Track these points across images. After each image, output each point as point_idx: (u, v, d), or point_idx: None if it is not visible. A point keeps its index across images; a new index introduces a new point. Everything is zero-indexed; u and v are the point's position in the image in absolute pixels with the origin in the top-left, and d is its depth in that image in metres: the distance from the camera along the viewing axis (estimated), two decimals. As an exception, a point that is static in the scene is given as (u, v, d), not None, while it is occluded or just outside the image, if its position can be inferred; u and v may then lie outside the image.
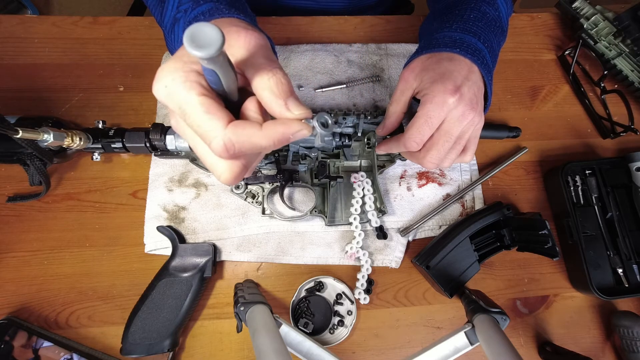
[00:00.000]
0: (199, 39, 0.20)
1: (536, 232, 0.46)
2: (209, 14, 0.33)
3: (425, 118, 0.35)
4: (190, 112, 0.24)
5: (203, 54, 0.20)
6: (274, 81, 0.26)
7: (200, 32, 0.20)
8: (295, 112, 0.26)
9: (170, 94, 0.25)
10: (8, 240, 0.48)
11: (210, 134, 0.24)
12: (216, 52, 0.20)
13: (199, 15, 0.33)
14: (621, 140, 0.58)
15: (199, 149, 0.28)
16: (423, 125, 0.36)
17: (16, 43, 0.55)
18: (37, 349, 0.43)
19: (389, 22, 0.62)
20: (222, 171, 0.27)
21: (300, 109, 0.26)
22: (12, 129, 0.38)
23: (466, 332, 0.41)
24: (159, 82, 0.25)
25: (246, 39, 0.27)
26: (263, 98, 0.26)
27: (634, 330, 0.47)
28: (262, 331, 0.37)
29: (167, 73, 0.25)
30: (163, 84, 0.25)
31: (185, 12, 0.35)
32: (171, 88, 0.25)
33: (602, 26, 0.58)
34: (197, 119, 0.24)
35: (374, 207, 0.48)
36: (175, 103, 0.25)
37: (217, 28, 0.20)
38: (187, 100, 0.24)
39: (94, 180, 0.51)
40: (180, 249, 0.46)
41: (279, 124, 0.26)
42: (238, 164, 0.27)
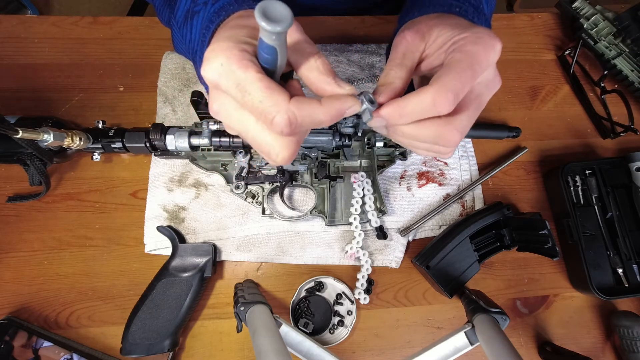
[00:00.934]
0: (271, 14, 0.21)
1: (536, 232, 0.46)
2: (236, 4, 0.32)
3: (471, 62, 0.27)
4: (251, 89, 0.24)
5: (279, 27, 0.21)
6: (321, 62, 0.27)
7: (271, 8, 0.21)
8: (346, 87, 0.27)
9: (226, 72, 0.25)
10: (8, 240, 0.48)
11: (273, 108, 0.24)
12: (288, 27, 0.21)
13: (226, 5, 0.32)
14: (621, 140, 0.58)
15: (251, 131, 0.27)
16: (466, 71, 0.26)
17: (16, 43, 0.55)
18: (37, 349, 0.43)
19: (389, 22, 0.62)
20: (280, 149, 0.27)
21: (349, 85, 0.27)
22: (12, 129, 0.38)
23: (466, 332, 0.41)
24: (213, 61, 0.25)
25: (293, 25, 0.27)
26: (311, 78, 0.27)
27: (634, 330, 0.47)
28: (262, 331, 0.37)
29: (221, 52, 0.25)
30: (218, 62, 0.25)
31: (205, 5, 0.34)
32: (227, 66, 0.24)
33: (602, 26, 0.58)
34: (259, 94, 0.24)
35: (374, 207, 0.48)
36: (232, 81, 0.25)
37: (286, 5, 0.21)
38: (246, 76, 0.24)
39: (94, 180, 0.51)
40: (180, 249, 0.46)
41: (335, 99, 0.26)
42: (295, 140, 0.27)
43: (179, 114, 0.53)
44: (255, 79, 0.24)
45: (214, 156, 0.48)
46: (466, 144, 0.56)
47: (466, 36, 0.28)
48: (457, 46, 0.28)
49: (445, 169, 0.54)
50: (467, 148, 0.55)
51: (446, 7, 0.36)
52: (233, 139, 0.46)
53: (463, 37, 0.29)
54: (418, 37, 0.31)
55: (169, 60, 0.55)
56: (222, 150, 0.47)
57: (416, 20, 0.34)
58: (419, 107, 0.27)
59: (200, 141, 0.46)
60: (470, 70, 0.26)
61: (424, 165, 0.54)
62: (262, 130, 0.27)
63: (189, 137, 0.45)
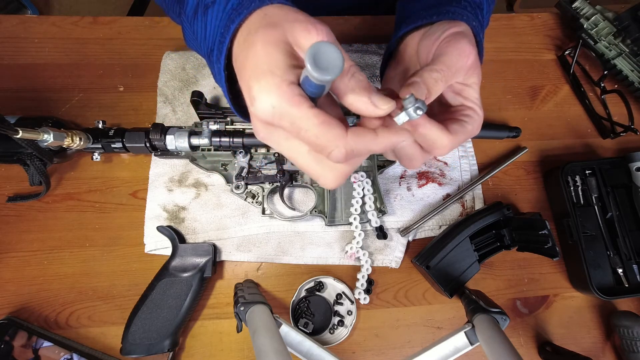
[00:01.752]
0: (321, 60, 0.21)
1: (536, 232, 0.46)
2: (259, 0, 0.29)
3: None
4: (307, 127, 0.24)
5: (330, 77, 0.21)
6: (355, 81, 0.26)
7: (321, 52, 0.21)
8: (384, 107, 0.26)
9: (280, 113, 0.25)
10: (8, 240, 0.48)
11: (331, 143, 0.25)
12: (339, 74, 0.21)
13: (245, 1, 0.29)
14: (621, 140, 0.58)
15: (302, 158, 0.28)
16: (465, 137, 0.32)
17: (16, 43, 0.55)
18: (37, 349, 0.43)
19: (389, 22, 0.62)
20: (333, 177, 0.28)
21: (386, 102, 0.26)
22: (12, 129, 0.38)
23: (466, 332, 0.41)
24: (264, 103, 0.25)
25: (318, 37, 0.26)
26: (348, 100, 0.26)
27: (634, 330, 0.47)
28: (262, 331, 0.37)
29: (269, 92, 0.24)
30: (269, 104, 0.25)
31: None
32: (280, 107, 0.24)
33: (602, 26, 0.58)
34: (315, 130, 0.24)
35: (374, 207, 0.48)
36: (287, 120, 0.25)
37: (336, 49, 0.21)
38: (300, 115, 0.24)
39: (94, 180, 0.51)
40: (180, 249, 0.46)
41: (392, 133, 0.27)
42: (348, 169, 0.28)
43: (179, 114, 0.53)
44: (309, 115, 0.24)
45: (214, 156, 0.48)
46: (466, 144, 0.56)
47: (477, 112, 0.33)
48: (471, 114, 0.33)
49: (445, 168, 0.54)
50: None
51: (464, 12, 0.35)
52: (233, 139, 0.46)
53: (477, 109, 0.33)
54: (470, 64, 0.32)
55: (169, 60, 0.55)
56: (222, 150, 0.47)
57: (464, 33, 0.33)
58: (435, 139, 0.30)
59: (200, 141, 0.46)
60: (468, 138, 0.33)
61: (423, 165, 0.54)
62: (314, 159, 0.27)
63: (189, 137, 0.45)
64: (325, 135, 0.24)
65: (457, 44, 0.31)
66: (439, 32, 0.33)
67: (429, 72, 0.30)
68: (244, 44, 0.27)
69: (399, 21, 0.41)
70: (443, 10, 0.35)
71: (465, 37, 0.32)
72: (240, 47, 0.28)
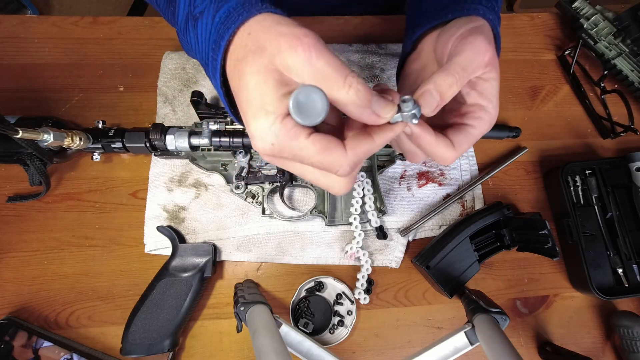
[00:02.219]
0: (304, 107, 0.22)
1: (536, 232, 0.46)
2: (242, 8, 0.28)
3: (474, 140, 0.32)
4: (308, 156, 0.25)
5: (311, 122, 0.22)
6: (354, 92, 0.25)
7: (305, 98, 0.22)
8: (386, 115, 0.26)
9: (280, 149, 0.26)
10: (8, 240, 0.48)
11: (334, 165, 0.26)
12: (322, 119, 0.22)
13: (232, 12, 0.28)
14: (621, 140, 0.58)
15: (309, 175, 0.29)
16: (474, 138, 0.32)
17: (16, 43, 0.55)
18: (37, 349, 0.43)
19: (389, 22, 0.62)
20: (342, 186, 0.29)
21: (387, 108, 0.26)
22: (12, 129, 0.38)
23: (466, 332, 0.41)
24: (264, 142, 0.25)
25: (305, 54, 0.24)
26: (349, 111, 0.26)
27: (634, 330, 0.47)
28: (262, 331, 0.37)
29: (265, 131, 0.25)
30: (269, 142, 0.25)
31: (207, 10, 0.30)
32: (279, 144, 0.25)
33: (602, 26, 0.58)
34: (317, 159, 0.26)
35: (374, 207, 0.48)
36: (289, 154, 0.26)
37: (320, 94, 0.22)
38: (299, 146, 0.25)
39: (94, 180, 0.51)
40: (180, 249, 0.46)
41: (386, 130, 0.27)
42: (355, 173, 0.29)
43: (179, 114, 0.53)
44: (308, 145, 0.25)
45: (214, 156, 0.48)
46: (466, 144, 0.56)
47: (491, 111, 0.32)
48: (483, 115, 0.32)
49: (445, 169, 0.54)
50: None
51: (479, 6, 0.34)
52: (233, 139, 0.46)
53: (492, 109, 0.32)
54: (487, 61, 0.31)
55: (169, 60, 0.55)
56: (222, 150, 0.47)
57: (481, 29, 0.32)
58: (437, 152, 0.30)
59: (200, 141, 0.46)
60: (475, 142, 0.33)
61: (424, 165, 0.54)
62: (321, 174, 0.29)
63: (189, 137, 0.45)
64: (327, 159, 0.26)
65: (473, 41, 0.30)
66: (454, 29, 0.32)
67: (443, 76, 0.28)
68: (234, 70, 0.27)
69: (412, 23, 0.41)
70: (457, 8, 0.34)
71: (482, 34, 0.31)
72: (232, 73, 0.28)
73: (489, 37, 0.31)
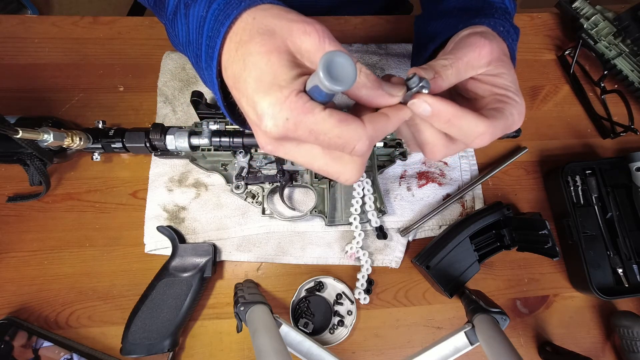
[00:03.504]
0: (335, 71, 0.21)
1: (536, 232, 0.45)
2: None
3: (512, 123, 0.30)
4: (325, 130, 0.24)
5: (342, 87, 0.21)
6: (364, 76, 0.26)
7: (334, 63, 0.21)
8: (398, 93, 0.27)
9: (296, 125, 0.24)
10: (8, 240, 0.48)
11: (353, 138, 0.24)
12: (352, 85, 0.21)
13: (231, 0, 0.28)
14: (621, 140, 0.58)
15: (317, 162, 0.27)
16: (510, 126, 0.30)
17: (16, 43, 0.55)
18: (37, 349, 0.43)
19: (389, 22, 0.62)
20: (355, 170, 0.28)
21: (398, 89, 0.27)
22: (12, 129, 0.38)
23: (466, 332, 0.41)
24: (275, 120, 0.24)
25: (319, 38, 0.25)
26: (361, 94, 0.26)
27: (634, 330, 0.47)
28: (262, 331, 0.37)
29: (281, 105, 0.24)
30: (283, 118, 0.24)
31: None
32: (294, 119, 0.24)
33: (602, 26, 0.58)
34: (335, 132, 0.24)
35: (374, 207, 0.48)
36: (305, 129, 0.24)
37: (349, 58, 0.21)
38: (316, 120, 0.24)
39: (94, 180, 0.51)
40: (180, 249, 0.46)
41: (400, 111, 0.27)
42: (366, 157, 0.28)
43: (179, 114, 0.53)
44: (325, 117, 0.24)
45: (214, 156, 0.48)
46: (466, 144, 0.56)
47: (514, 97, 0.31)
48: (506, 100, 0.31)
49: (445, 169, 0.54)
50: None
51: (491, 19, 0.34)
52: (233, 139, 0.46)
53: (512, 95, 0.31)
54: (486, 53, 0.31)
55: (169, 60, 0.55)
56: (222, 150, 0.47)
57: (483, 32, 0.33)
58: (466, 128, 0.28)
59: (200, 141, 0.46)
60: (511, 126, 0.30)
61: (424, 165, 0.54)
62: (331, 158, 0.27)
63: (189, 137, 0.45)
64: (347, 132, 0.24)
65: (468, 39, 0.31)
66: (456, 36, 0.33)
67: (435, 60, 0.30)
68: (236, 53, 0.26)
69: (424, 41, 0.41)
70: (470, 23, 0.35)
71: (480, 34, 0.31)
72: (233, 57, 0.26)
73: (487, 37, 0.31)
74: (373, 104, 0.27)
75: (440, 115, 0.27)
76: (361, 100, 0.27)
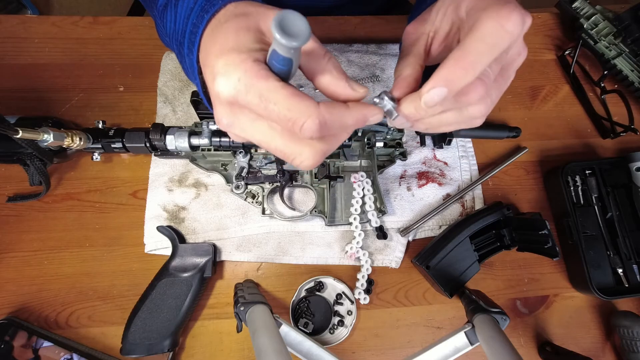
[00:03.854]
0: (288, 26, 0.20)
1: (536, 232, 0.46)
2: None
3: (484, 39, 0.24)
4: (276, 98, 0.23)
5: (297, 43, 0.20)
6: (332, 64, 0.26)
7: (288, 20, 0.20)
8: (360, 90, 0.26)
9: (247, 85, 0.23)
10: (8, 240, 0.48)
11: (303, 114, 0.23)
12: (306, 41, 0.21)
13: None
14: (621, 140, 0.58)
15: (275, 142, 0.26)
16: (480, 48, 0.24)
17: (16, 43, 0.55)
18: (37, 349, 0.43)
19: (389, 22, 0.62)
20: (310, 154, 0.26)
21: (362, 87, 0.27)
22: (12, 129, 0.38)
23: (466, 332, 0.41)
24: (229, 77, 0.24)
25: None
26: (323, 83, 0.26)
27: (634, 330, 0.47)
28: (262, 331, 0.37)
29: (235, 66, 0.24)
30: (235, 77, 0.23)
31: None
32: (246, 79, 0.23)
33: (602, 26, 0.58)
34: (286, 102, 0.23)
35: (374, 207, 0.48)
36: (254, 94, 0.24)
37: (303, 17, 0.21)
38: (268, 87, 0.23)
39: (94, 180, 0.51)
40: (180, 249, 0.46)
41: (362, 106, 0.26)
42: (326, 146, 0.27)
43: (179, 114, 0.53)
44: (278, 87, 0.23)
45: (214, 156, 0.48)
46: (466, 144, 0.56)
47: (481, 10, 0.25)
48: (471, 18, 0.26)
49: (445, 168, 0.54)
50: (467, 148, 0.55)
51: None
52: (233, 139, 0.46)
53: (475, 6, 0.26)
54: (418, 23, 0.31)
55: (169, 60, 0.55)
56: (222, 150, 0.47)
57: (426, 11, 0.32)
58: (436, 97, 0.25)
59: (200, 141, 0.46)
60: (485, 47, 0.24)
61: (424, 165, 0.54)
62: (288, 137, 0.26)
63: (189, 137, 0.45)
64: (297, 106, 0.23)
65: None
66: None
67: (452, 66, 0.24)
68: (211, 34, 0.27)
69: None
70: None
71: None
72: (209, 37, 0.27)
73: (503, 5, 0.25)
74: (336, 95, 0.27)
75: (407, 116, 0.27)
76: (325, 89, 0.27)
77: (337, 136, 0.28)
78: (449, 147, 0.55)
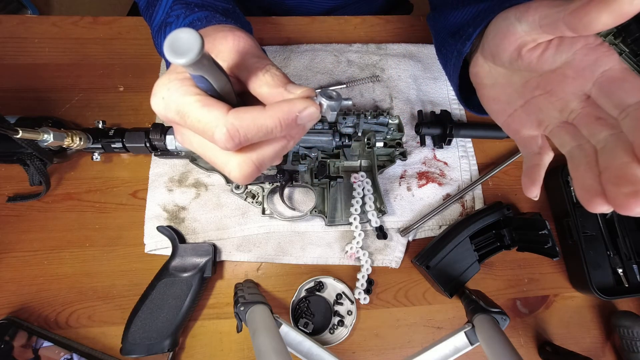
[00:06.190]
0: (178, 46, 0.20)
1: (536, 232, 0.46)
2: (205, 20, 0.33)
3: None
4: (187, 111, 0.24)
5: (184, 60, 0.20)
6: (269, 75, 0.26)
7: (178, 39, 0.20)
8: (297, 91, 0.25)
9: (167, 104, 0.25)
10: (8, 240, 0.48)
11: (211, 124, 0.23)
12: (196, 57, 0.20)
13: (195, 21, 0.33)
14: (621, 140, 0.58)
15: (208, 152, 0.27)
16: None
17: (16, 43, 0.55)
18: (37, 349, 0.43)
19: (389, 22, 0.62)
20: (232, 167, 0.26)
21: (301, 88, 0.26)
22: (12, 129, 0.38)
23: (466, 332, 0.41)
24: (156, 96, 0.25)
25: (234, 42, 0.27)
26: (262, 94, 0.26)
27: (634, 330, 0.47)
28: (262, 331, 0.37)
29: (162, 86, 0.25)
30: (160, 96, 0.25)
31: (177, 18, 0.35)
32: (168, 98, 0.25)
33: (602, 26, 0.57)
34: (195, 114, 0.24)
35: (374, 207, 0.48)
36: (173, 110, 0.25)
37: (195, 32, 0.20)
38: (183, 101, 0.24)
39: (94, 180, 0.51)
40: (180, 249, 0.46)
41: (283, 102, 0.25)
42: (246, 158, 0.26)
43: (179, 114, 0.53)
44: (192, 101, 0.24)
45: (214, 156, 0.48)
46: (466, 144, 0.56)
47: None
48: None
49: (445, 169, 0.54)
50: (467, 148, 0.55)
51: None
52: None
53: None
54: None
55: (169, 60, 0.55)
56: (222, 150, 0.47)
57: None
58: None
59: (200, 141, 0.46)
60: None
61: (424, 165, 0.54)
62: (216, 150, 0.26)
63: (189, 137, 0.45)
64: (205, 116, 0.24)
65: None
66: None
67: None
68: None
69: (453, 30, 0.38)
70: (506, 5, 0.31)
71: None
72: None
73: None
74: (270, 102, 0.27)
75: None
76: (265, 101, 0.26)
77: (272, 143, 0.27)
78: (449, 147, 0.55)
